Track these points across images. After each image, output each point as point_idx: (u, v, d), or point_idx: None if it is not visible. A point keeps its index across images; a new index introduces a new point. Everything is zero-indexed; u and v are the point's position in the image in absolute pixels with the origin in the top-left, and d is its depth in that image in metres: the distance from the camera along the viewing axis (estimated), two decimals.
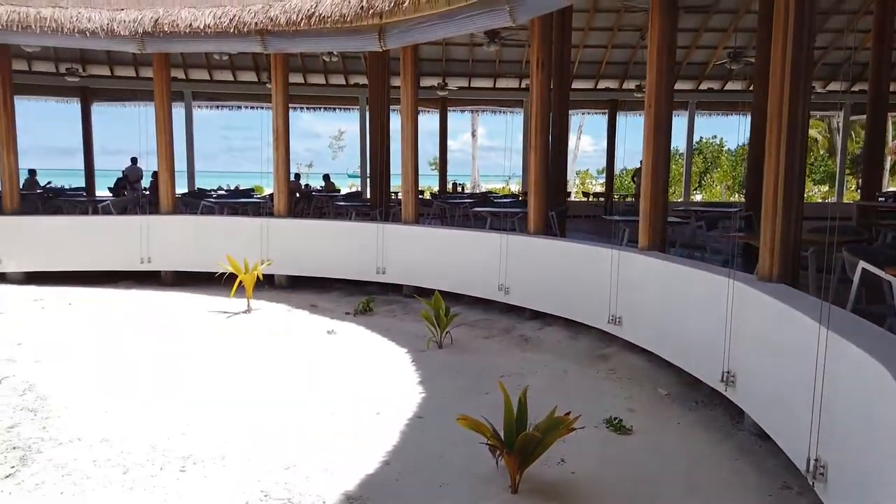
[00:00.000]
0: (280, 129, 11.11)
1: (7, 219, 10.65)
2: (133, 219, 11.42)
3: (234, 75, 18.19)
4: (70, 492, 4.24)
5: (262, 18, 9.63)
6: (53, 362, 6.81)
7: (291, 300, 10.07)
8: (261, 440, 5.03)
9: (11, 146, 10.68)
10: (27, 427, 5.25)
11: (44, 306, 9.30)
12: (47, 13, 9.52)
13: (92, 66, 16.76)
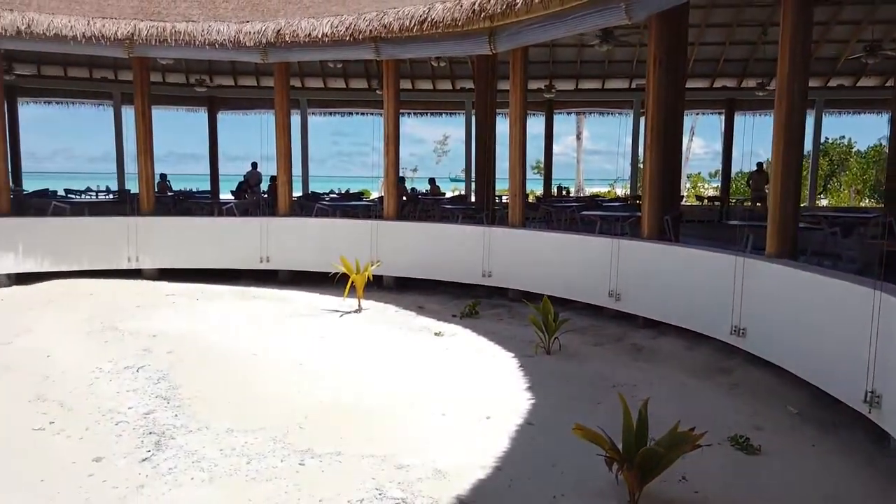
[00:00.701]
0: (390, 133, 11.35)
1: (143, 219, 11.54)
2: (253, 220, 12.02)
3: (346, 83, 18.82)
4: (200, 478, 4.48)
5: (376, 25, 9.88)
6: (184, 354, 7.26)
7: (399, 301, 10.24)
8: (373, 438, 5.11)
9: (149, 153, 11.57)
10: (161, 414, 5.61)
11: (175, 301, 9.97)
12: (182, 27, 10.24)
13: (218, 77, 17.90)
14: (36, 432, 5.33)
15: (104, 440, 5.14)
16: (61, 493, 4.33)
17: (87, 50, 10.42)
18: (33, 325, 8.44)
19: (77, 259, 11.04)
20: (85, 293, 10.23)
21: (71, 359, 7.11)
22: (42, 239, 10.87)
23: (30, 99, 17.12)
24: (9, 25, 9.51)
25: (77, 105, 18.15)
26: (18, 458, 4.88)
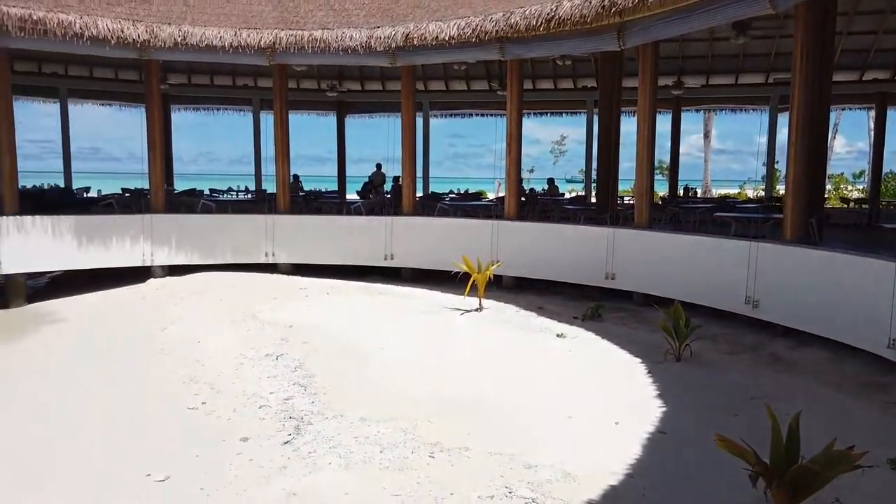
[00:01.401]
0: (512, 133, 11.35)
1: (279, 217, 12.26)
2: (378, 219, 12.44)
3: (467, 84, 19.04)
4: (337, 463, 4.70)
5: (502, 26, 9.92)
6: (317, 345, 7.64)
7: (519, 301, 10.21)
8: (499, 436, 5.13)
9: (285, 155, 12.29)
10: (299, 400, 5.95)
11: (307, 294, 10.52)
12: (318, 34, 10.79)
13: (347, 82, 18.68)
14: (190, 411, 5.82)
15: (249, 422, 5.52)
16: (214, 468, 4.69)
17: (233, 59, 11.23)
18: (185, 313, 9.21)
19: (221, 253, 11.92)
20: (228, 285, 11.01)
21: (218, 345, 7.69)
22: (192, 234, 11.82)
23: (180, 106, 18.72)
24: (167, 38, 10.44)
25: (221, 111, 19.64)
26: (176, 435, 5.35)
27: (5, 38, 9.50)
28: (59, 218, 10.82)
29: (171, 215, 11.98)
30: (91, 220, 11.24)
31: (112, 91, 17.21)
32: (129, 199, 13.89)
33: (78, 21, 9.72)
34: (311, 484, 4.39)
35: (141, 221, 11.50)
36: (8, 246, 10.20)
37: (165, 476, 4.55)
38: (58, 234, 10.70)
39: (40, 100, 16.73)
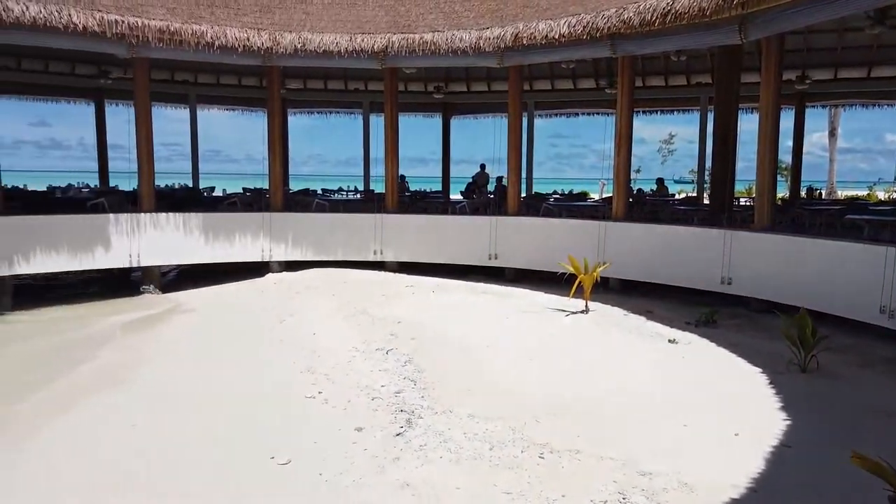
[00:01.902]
0: (622, 132, 11.09)
1: (387, 216, 12.61)
2: (483, 219, 12.51)
3: (573, 83, 18.75)
4: (448, 458, 4.78)
5: (614, 22, 9.70)
6: (425, 340, 7.78)
7: (626, 304, 9.95)
8: (611, 440, 5.03)
9: (394, 156, 12.62)
10: (409, 394, 6.09)
11: (414, 292, 10.75)
12: (428, 37, 11.01)
13: (453, 83, 18.90)
14: (308, 400, 6.10)
15: (363, 413, 5.72)
16: (331, 455, 4.90)
17: (347, 63, 11.68)
18: (300, 307, 9.67)
19: (333, 250, 12.41)
20: (339, 281, 11.45)
21: (332, 338, 8.02)
22: (306, 232, 12.39)
23: (296, 109, 19.63)
24: (288, 45, 11.00)
25: (333, 114, 20.45)
26: (296, 422, 5.63)
27: (146, 48, 10.35)
28: (189, 215, 11.66)
29: (288, 214, 12.60)
30: (217, 218, 12.04)
31: (235, 97, 18.33)
32: (251, 198, 14.73)
33: (209, 31, 10.45)
34: (424, 476, 4.49)
35: (261, 219, 12.19)
36: (145, 240, 11.11)
37: (287, 460, 4.81)
38: (188, 230, 11.54)
39: (172, 105, 18.07)
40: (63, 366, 7.41)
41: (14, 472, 4.83)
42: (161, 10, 10.51)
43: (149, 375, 7.06)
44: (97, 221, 10.91)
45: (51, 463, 4.97)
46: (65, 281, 12.43)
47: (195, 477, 4.68)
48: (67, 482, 4.66)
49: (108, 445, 5.26)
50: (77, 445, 5.28)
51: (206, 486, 4.56)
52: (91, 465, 4.91)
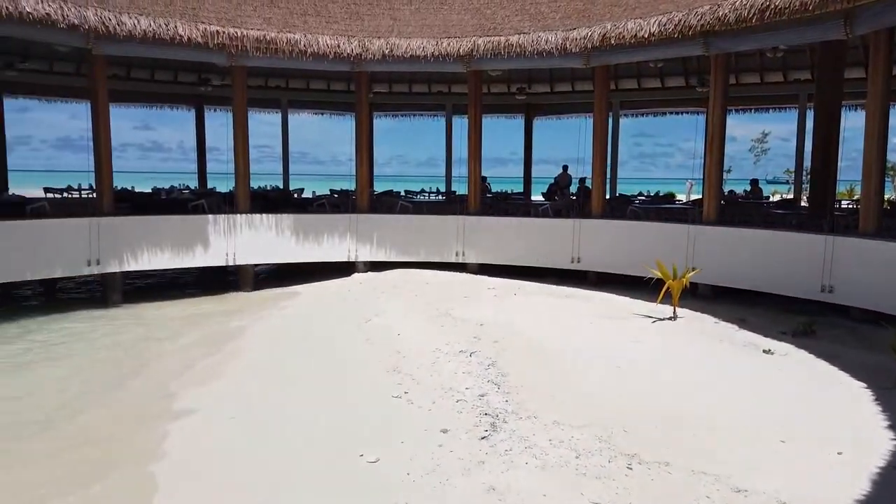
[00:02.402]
0: (715, 132, 10.70)
1: (469, 218, 12.70)
2: (566, 221, 12.37)
3: (661, 82, 18.23)
4: (533, 464, 4.78)
5: (708, 19, 9.38)
6: (508, 344, 7.79)
7: (717, 311, 9.59)
8: (702, 454, 4.88)
9: (478, 157, 12.70)
10: (494, 398, 6.12)
11: (496, 294, 10.78)
12: (514, 39, 11.02)
13: (535, 84, 18.79)
14: (394, 399, 6.24)
15: (447, 415, 5.79)
16: (418, 455, 5.00)
17: (432, 67, 11.85)
18: (385, 307, 9.88)
19: (416, 251, 12.62)
20: (422, 282, 11.63)
21: (416, 338, 8.16)
22: (391, 233, 12.66)
23: (381, 113, 20.05)
24: (377, 51, 11.29)
25: (416, 117, 20.78)
26: (383, 421, 5.77)
27: (244, 57, 10.87)
28: (281, 216, 12.16)
29: (374, 215, 12.91)
30: (307, 219, 12.49)
31: (324, 101, 18.93)
32: (338, 199, 15.18)
33: (303, 39, 10.86)
34: (510, 481, 4.51)
35: (348, 220, 12.55)
36: (241, 240, 11.67)
37: (376, 458, 4.94)
38: (279, 231, 12.03)
39: (265, 110, 18.87)
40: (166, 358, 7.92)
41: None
42: (258, 20, 11.01)
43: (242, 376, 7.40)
44: (198, 222, 11.56)
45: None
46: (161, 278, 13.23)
47: (289, 468, 4.89)
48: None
49: (208, 438, 5.58)
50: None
51: (299, 478, 4.75)
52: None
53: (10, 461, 5.30)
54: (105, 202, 10.79)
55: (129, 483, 4.86)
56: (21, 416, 6.30)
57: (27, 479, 4.98)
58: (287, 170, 18.75)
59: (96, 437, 5.76)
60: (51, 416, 6.20)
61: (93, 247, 10.42)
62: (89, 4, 9.50)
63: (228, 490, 4.65)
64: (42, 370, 7.69)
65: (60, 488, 4.77)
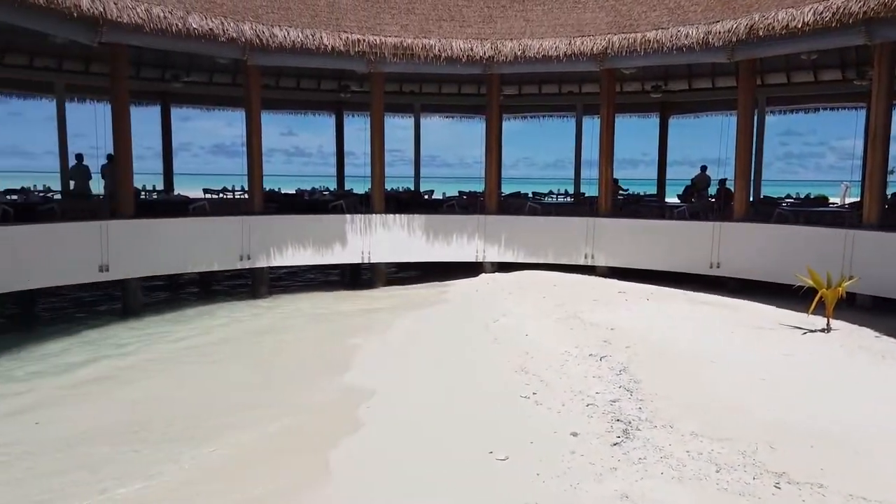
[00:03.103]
0: (878, 128, 9.73)
1: (599, 220, 12.44)
2: (705, 225, 11.75)
3: (814, 75, 16.83)
4: (669, 474, 4.59)
5: (872, 5, 8.54)
6: (640, 350, 7.53)
7: (878, 325, 8.70)
8: (863, 478, 4.46)
9: (610, 158, 12.39)
10: (626, 404, 5.95)
11: (627, 298, 10.46)
12: (651, 35, 10.65)
13: (672, 81, 17.98)
14: (522, 400, 6.23)
15: (577, 418, 5.70)
16: (547, 456, 4.96)
17: (564, 67, 11.72)
18: (513, 307, 9.90)
19: (544, 253, 12.54)
20: (550, 283, 11.52)
21: (544, 340, 8.11)
22: (518, 234, 12.67)
23: (510, 115, 20.09)
24: (509, 52, 11.35)
25: (545, 118, 20.59)
26: (511, 420, 5.79)
27: (382, 63, 11.33)
28: (413, 217, 12.54)
29: (502, 216, 12.98)
30: (437, 219, 12.80)
31: (454, 105, 19.28)
32: (467, 201, 15.42)
33: (437, 44, 11.15)
34: (644, 490, 4.36)
35: (476, 221, 12.70)
36: (375, 239, 12.18)
37: (505, 456, 4.97)
38: (411, 230, 12.42)
39: (398, 115, 19.52)
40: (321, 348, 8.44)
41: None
42: (396, 27, 11.44)
43: (381, 373, 7.72)
44: (336, 221, 12.20)
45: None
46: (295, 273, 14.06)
47: (421, 457, 5.04)
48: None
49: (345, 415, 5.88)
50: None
51: (430, 468, 4.88)
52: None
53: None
54: (256, 202, 11.66)
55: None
56: (229, 397, 7.00)
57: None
58: (418, 172, 19.29)
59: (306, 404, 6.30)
60: (257, 395, 6.98)
61: (244, 243, 11.31)
62: (246, 19, 10.33)
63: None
64: (233, 361, 8.46)
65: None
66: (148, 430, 6.01)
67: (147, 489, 4.91)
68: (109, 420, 6.33)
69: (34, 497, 4.79)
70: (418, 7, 12.10)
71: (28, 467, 5.31)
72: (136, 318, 10.21)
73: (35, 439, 5.85)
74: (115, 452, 5.54)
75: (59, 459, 5.42)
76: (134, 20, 9.20)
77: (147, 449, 5.60)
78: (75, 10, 8.53)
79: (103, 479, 5.04)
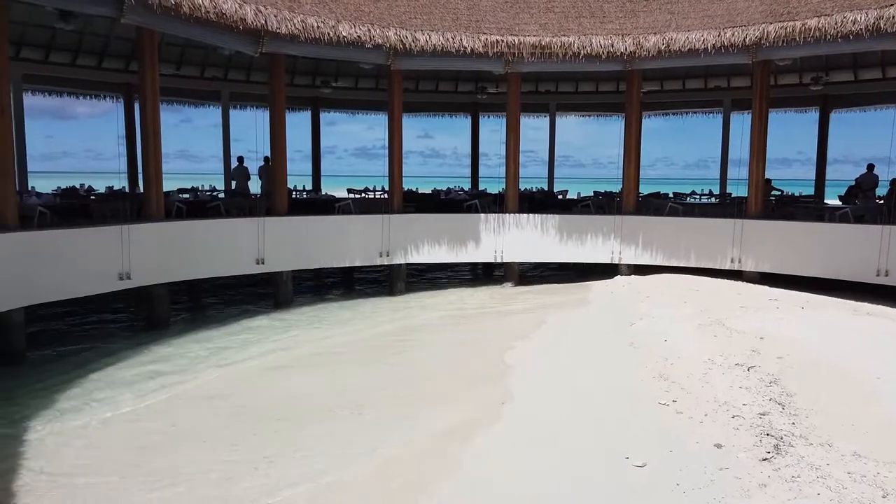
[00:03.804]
0: None
1: (748, 222, 11.65)
2: (871, 228, 10.63)
3: None
4: (826, 496, 4.25)
5: None
6: (794, 361, 6.99)
7: None
8: None
9: (762, 156, 11.60)
10: (777, 418, 5.56)
11: (778, 306, 9.74)
12: (812, 23, 9.82)
13: (834, 73, 16.45)
14: (661, 407, 6.02)
15: (721, 430, 5.41)
16: (688, 467, 4.76)
17: (711, 60, 11.11)
18: (651, 311, 9.56)
19: (684, 255, 11.98)
20: (690, 288, 10.99)
21: (684, 346, 7.75)
22: (657, 236, 12.19)
23: (651, 112, 19.28)
24: (651, 47, 10.95)
25: (689, 115, 19.62)
26: (649, 426, 5.61)
27: (519, 63, 11.37)
28: (546, 217, 12.47)
29: (640, 217, 12.56)
30: (571, 219, 12.63)
31: (591, 103, 18.88)
32: (603, 201, 15.08)
33: (576, 42, 11.01)
34: None
35: (612, 222, 12.39)
36: (508, 238, 12.25)
37: (643, 463, 4.83)
38: (544, 230, 12.35)
39: (533, 115, 19.43)
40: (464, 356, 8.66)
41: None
42: (534, 26, 11.43)
43: (519, 373, 7.76)
44: (471, 220, 12.40)
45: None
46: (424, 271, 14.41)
47: (557, 453, 5.02)
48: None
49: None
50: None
51: (565, 466, 4.85)
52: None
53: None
54: (395, 202, 12.14)
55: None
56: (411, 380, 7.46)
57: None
58: (552, 171, 19.11)
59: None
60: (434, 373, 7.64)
61: (384, 240, 11.81)
62: (391, 25, 10.78)
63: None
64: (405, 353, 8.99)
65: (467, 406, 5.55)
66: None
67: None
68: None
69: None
70: (557, 5, 12.00)
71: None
72: (285, 309, 10.98)
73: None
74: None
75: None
76: (291, 31, 9.92)
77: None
78: (241, 24, 9.35)
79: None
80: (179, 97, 16.62)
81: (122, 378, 7.52)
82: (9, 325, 7.81)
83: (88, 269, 8.69)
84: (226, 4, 9.08)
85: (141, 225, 9.35)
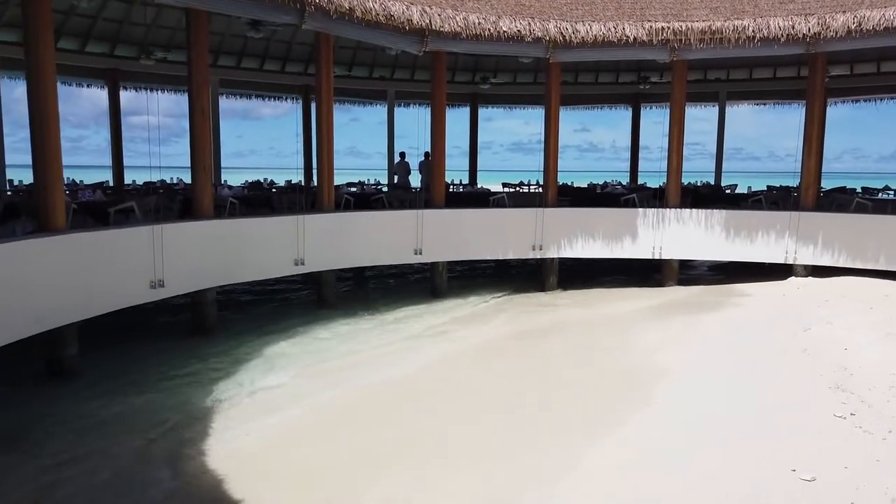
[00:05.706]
0: None
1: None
2: None
3: None
4: None
5: None
6: None
7: None
8: None
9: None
10: None
11: None
12: None
13: None
14: (836, 419, 5.53)
15: None
16: (866, 486, 4.37)
17: None
18: (829, 317, 8.73)
19: (873, 257, 10.76)
20: (879, 294, 9.87)
21: (868, 356, 7.03)
22: (840, 234, 11.04)
23: (838, 99, 17.44)
24: (840, 27, 9.89)
25: (884, 101, 17.43)
26: (820, 439, 5.17)
27: (686, 50, 10.81)
28: (711, 212, 11.76)
29: (821, 213, 11.46)
30: (740, 215, 11.79)
31: (767, 90, 17.45)
32: (777, 196, 13.96)
33: (751, 24, 10.24)
34: None
35: (787, 218, 11.41)
36: (668, 234, 11.73)
37: (812, 477, 4.49)
38: (708, 227, 11.67)
39: (700, 105, 18.35)
40: None
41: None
42: (704, 10, 10.81)
43: (686, 372, 7.49)
44: (628, 215, 12.02)
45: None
46: None
47: (716, 464, 4.82)
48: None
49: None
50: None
51: (725, 478, 4.64)
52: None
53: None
54: (550, 196, 12.09)
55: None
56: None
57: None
58: (720, 165, 17.94)
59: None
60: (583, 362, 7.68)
61: (537, 234, 11.82)
62: (551, 18, 10.74)
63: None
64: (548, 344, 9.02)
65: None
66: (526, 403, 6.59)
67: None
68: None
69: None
70: None
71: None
72: (440, 299, 11.36)
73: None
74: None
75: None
76: (454, 28, 10.24)
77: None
78: (407, 24, 9.82)
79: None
80: (350, 97, 17.78)
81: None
82: (204, 301, 8.91)
83: (272, 255, 9.64)
84: (394, 7, 9.58)
85: (314, 215, 10.19)
